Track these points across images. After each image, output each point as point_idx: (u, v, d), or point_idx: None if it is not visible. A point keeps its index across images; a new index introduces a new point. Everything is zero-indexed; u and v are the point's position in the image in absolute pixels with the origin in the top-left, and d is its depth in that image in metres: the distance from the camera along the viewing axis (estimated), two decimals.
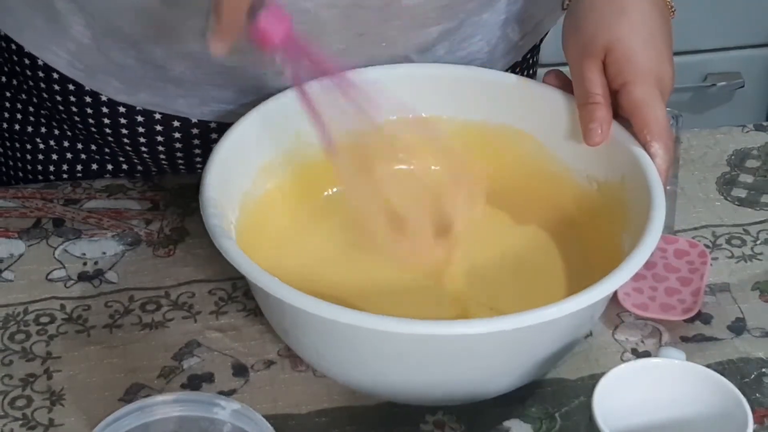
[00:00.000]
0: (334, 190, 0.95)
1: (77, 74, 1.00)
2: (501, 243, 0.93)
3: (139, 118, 1.01)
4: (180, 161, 1.04)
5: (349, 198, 0.90)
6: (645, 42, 0.89)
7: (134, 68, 0.98)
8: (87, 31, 0.97)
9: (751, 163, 1.05)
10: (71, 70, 1.00)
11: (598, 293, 0.77)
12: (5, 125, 1.08)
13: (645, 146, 0.87)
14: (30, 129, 1.07)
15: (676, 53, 0.92)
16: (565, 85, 0.93)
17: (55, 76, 1.01)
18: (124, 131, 1.02)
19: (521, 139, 0.95)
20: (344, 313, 0.74)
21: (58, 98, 1.02)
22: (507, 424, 0.83)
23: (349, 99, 0.82)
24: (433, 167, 0.93)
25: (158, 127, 1.02)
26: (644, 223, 0.82)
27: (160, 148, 1.03)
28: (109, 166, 1.07)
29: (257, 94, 0.94)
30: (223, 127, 0.92)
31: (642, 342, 0.89)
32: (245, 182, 0.90)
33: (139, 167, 1.06)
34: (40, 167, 1.07)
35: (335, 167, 0.87)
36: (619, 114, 0.89)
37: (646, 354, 0.88)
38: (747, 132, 1.09)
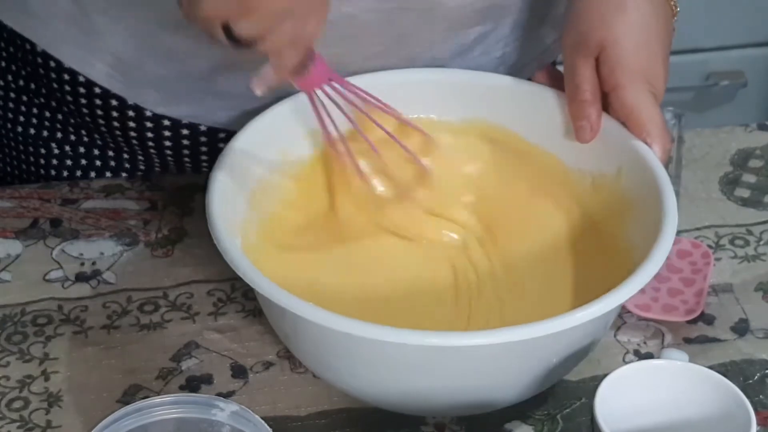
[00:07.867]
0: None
1: (116, 86, 0.99)
2: (505, 245, 0.92)
3: (149, 124, 1.01)
4: (187, 161, 1.04)
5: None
6: (639, 43, 0.89)
7: (174, 81, 0.97)
8: (126, 45, 0.96)
9: (754, 163, 1.05)
10: (110, 82, 0.99)
11: (617, 298, 0.77)
12: (20, 129, 1.07)
13: None
14: (45, 133, 1.06)
15: (679, 52, 0.91)
16: (557, 81, 0.93)
17: (81, 79, 1.00)
18: (150, 134, 1.02)
19: (518, 141, 0.94)
20: (357, 326, 0.73)
21: (83, 101, 1.01)
22: (508, 426, 0.83)
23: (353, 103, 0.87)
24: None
25: (166, 133, 1.01)
26: (657, 217, 0.81)
27: (168, 152, 1.03)
28: (124, 174, 1.06)
29: None
30: (231, 132, 0.91)
31: (644, 343, 0.89)
32: (252, 184, 0.89)
33: (157, 167, 1.06)
34: (53, 172, 1.06)
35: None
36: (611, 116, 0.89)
37: (649, 355, 0.88)
38: (750, 131, 1.08)
